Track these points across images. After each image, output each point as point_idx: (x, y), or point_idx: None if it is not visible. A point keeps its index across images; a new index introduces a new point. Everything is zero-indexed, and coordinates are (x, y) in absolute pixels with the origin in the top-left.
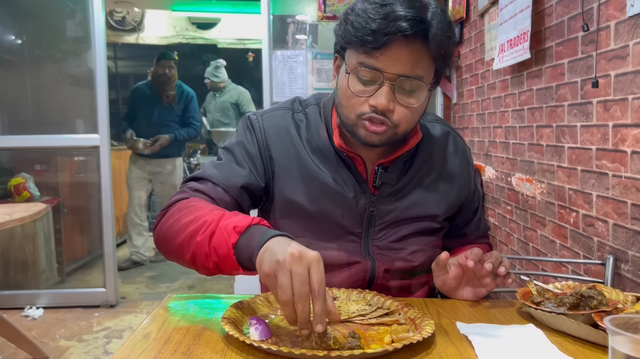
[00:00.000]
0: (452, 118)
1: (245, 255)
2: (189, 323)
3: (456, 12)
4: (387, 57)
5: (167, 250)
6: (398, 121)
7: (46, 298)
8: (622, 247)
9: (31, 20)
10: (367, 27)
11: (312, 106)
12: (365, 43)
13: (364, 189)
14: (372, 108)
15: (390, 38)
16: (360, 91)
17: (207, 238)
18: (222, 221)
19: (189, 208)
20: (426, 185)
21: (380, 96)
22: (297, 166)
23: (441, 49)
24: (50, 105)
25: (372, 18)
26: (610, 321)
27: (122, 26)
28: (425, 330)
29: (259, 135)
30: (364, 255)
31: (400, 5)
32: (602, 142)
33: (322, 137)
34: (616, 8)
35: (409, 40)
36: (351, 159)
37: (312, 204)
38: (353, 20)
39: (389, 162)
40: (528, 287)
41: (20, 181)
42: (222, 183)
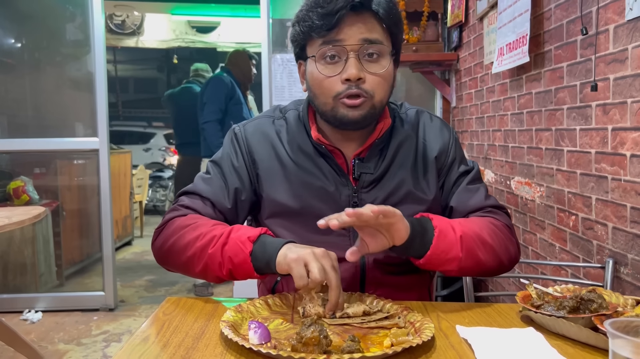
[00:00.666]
0: (452, 121)
1: (262, 260)
2: (188, 326)
3: (455, 15)
4: (343, 30)
5: (173, 264)
6: (372, 90)
7: (45, 301)
8: (622, 250)
9: (31, 23)
10: (316, 13)
11: (291, 111)
12: (318, 28)
13: (344, 182)
14: (345, 83)
15: (340, 14)
16: (330, 71)
17: (219, 250)
18: (233, 234)
19: (190, 225)
20: (405, 168)
21: (350, 67)
22: (279, 167)
23: (389, 14)
24: (49, 109)
25: (319, 5)
26: (611, 324)
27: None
28: (425, 333)
29: (242, 143)
30: None
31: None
32: (601, 145)
33: (301, 137)
34: (615, 12)
35: (358, 13)
36: (330, 152)
37: (296, 201)
38: (302, 17)
39: (364, 152)
40: (527, 290)
41: (19, 185)
42: (212, 199)
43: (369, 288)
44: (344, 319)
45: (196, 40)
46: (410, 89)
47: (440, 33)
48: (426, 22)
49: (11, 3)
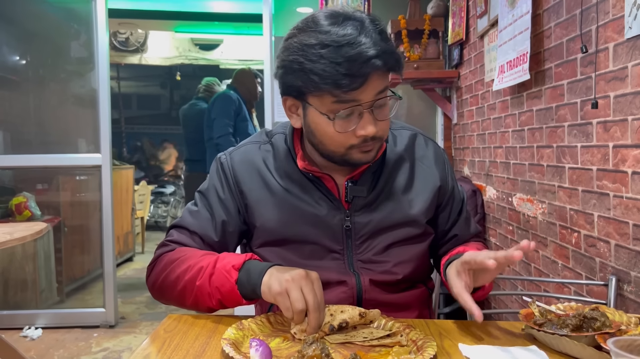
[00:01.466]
0: (453, 138)
1: (248, 287)
2: (189, 344)
3: (456, 33)
4: (364, 90)
5: (167, 298)
6: (382, 134)
7: (45, 318)
8: (625, 268)
9: (36, 41)
10: (337, 72)
11: (278, 135)
12: (341, 87)
13: (336, 206)
14: (360, 138)
15: (366, 77)
16: (344, 127)
17: (207, 281)
18: (218, 263)
19: (179, 258)
20: (399, 191)
21: (367, 125)
22: (267, 195)
23: (399, 62)
24: (53, 125)
25: (338, 62)
26: (614, 343)
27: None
28: (427, 352)
29: (228, 174)
30: (348, 271)
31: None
32: (602, 162)
33: (289, 163)
34: (614, 30)
35: (381, 73)
36: (319, 178)
37: (288, 229)
38: (313, 68)
39: (357, 175)
40: (530, 308)
41: (21, 201)
42: (199, 233)
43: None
44: (345, 335)
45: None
46: (412, 106)
47: (441, 51)
48: (427, 40)
49: (17, 21)
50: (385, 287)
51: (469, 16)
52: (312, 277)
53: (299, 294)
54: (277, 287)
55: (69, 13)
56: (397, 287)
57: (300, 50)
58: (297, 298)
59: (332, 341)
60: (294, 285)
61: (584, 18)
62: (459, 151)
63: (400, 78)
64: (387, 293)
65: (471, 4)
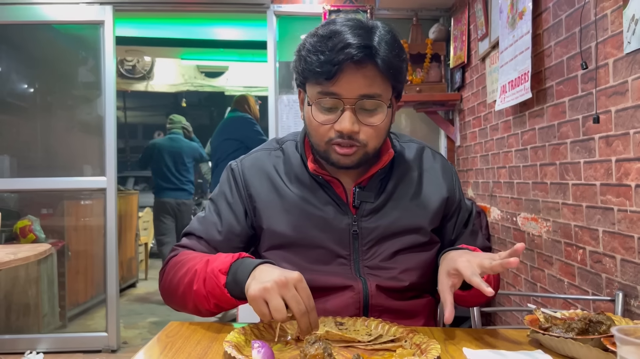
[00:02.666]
0: (456, 160)
1: (237, 289)
2: (191, 347)
3: (457, 57)
4: (342, 83)
5: (173, 302)
6: (366, 140)
7: (47, 342)
8: (631, 282)
9: (43, 68)
10: (317, 60)
11: (288, 142)
12: (317, 75)
13: (344, 211)
14: (337, 133)
15: (340, 66)
16: (325, 119)
17: (202, 285)
18: (209, 266)
19: (180, 261)
20: (405, 199)
21: (344, 121)
22: (276, 199)
23: (390, 68)
24: (59, 151)
25: (321, 51)
26: (619, 330)
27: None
28: (431, 353)
29: (238, 178)
30: (355, 276)
31: (346, 34)
32: (605, 177)
33: (299, 167)
34: (614, 46)
35: (359, 65)
36: (328, 182)
37: (295, 232)
38: (305, 56)
39: (365, 181)
40: (535, 314)
41: (26, 224)
42: (205, 237)
43: (373, 315)
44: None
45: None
46: (415, 129)
47: (443, 74)
48: (429, 63)
49: (25, 48)
50: (391, 294)
51: (470, 39)
52: (292, 281)
53: (279, 302)
54: (253, 292)
55: (77, 40)
56: (404, 295)
57: (304, 40)
58: (278, 307)
59: (335, 343)
60: (271, 294)
61: (583, 35)
62: (463, 173)
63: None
64: (393, 299)
65: (472, 28)
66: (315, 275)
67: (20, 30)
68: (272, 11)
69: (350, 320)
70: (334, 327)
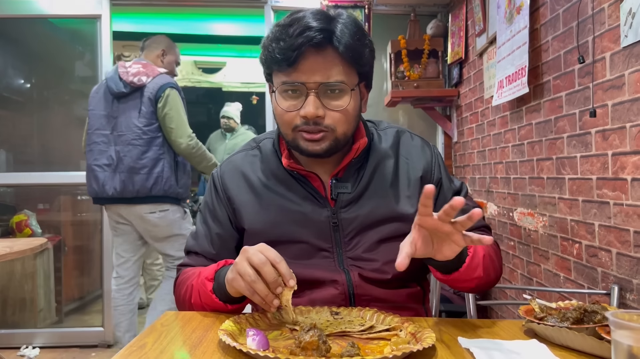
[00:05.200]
0: (453, 156)
1: (221, 292)
2: (186, 335)
3: (455, 53)
4: (303, 69)
5: None
6: (333, 125)
7: (43, 337)
8: (627, 276)
9: (41, 62)
10: (278, 46)
11: (266, 140)
12: (278, 62)
13: (322, 203)
14: (303, 119)
15: (300, 51)
16: (290, 106)
17: (197, 297)
18: (199, 278)
19: (182, 281)
20: (384, 187)
21: (308, 105)
22: (253, 198)
23: (350, 51)
24: (56, 146)
25: (282, 38)
26: (613, 314)
27: None
28: (426, 341)
29: (217, 183)
30: (338, 269)
31: (307, 19)
32: (602, 171)
33: (275, 164)
34: (610, 40)
35: (318, 50)
36: (305, 177)
37: (275, 229)
38: (267, 45)
39: (341, 172)
40: (531, 305)
41: (22, 219)
42: (201, 252)
43: (361, 304)
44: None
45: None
46: (412, 125)
47: (441, 70)
48: (427, 59)
49: (22, 42)
50: (376, 284)
51: (467, 35)
52: (257, 247)
53: (246, 267)
54: (229, 276)
55: (74, 35)
56: (389, 285)
57: (269, 31)
58: (244, 271)
59: (329, 332)
60: (240, 264)
61: (580, 30)
62: (460, 169)
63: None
64: (378, 288)
65: (470, 24)
66: (299, 269)
67: (17, 24)
68: (269, 6)
69: (346, 310)
70: (330, 317)
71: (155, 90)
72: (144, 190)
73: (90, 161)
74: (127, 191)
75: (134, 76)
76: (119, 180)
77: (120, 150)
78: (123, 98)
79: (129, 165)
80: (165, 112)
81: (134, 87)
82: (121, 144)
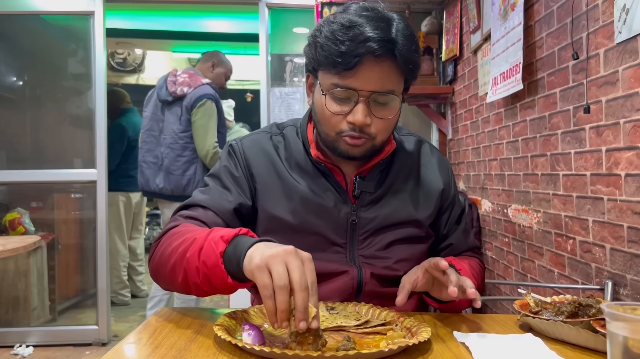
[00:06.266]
0: (448, 153)
1: (233, 261)
2: (182, 331)
3: (450, 50)
4: (359, 76)
5: (162, 277)
6: (375, 133)
7: (36, 335)
8: (620, 271)
9: (33, 59)
10: (336, 49)
11: (289, 127)
12: (336, 65)
13: (344, 199)
14: (350, 125)
15: (360, 59)
16: (338, 110)
17: (196, 253)
18: (211, 234)
19: (179, 232)
20: (405, 191)
21: (357, 113)
22: (277, 182)
23: (409, 63)
24: (49, 144)
25: (341, 40)
26: (608, 306)
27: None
28: (422, 335)
29: (239, 156)
30: (350, 264)
31: (366, 27)
32: (596, 167)
33: (300, 153)
34: (604, 36)
35: (378, 59)
36: (330, 170)
37: (294, 217)
38: (322, 44)
39: (366, 171)
40: (526, 299)
41: (15, 217)
42: (213, 206)
43: (364, 300)
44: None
45: None
46: (407, 123)
47: (436, 67)
48: (421, 56)
49: (14, 39)
50: (384, 282)
51: (462, 32)
52: (302, 255)
53: (282, 269)
54: (257, 260)
55: (66, 32)
56: (396, 283)
57: (321, 25)
58: (280, 274)
59: (324, 327)
60: (277, 259)
61: (574, 26)
62: (454, 166)
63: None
64: (385, 287)
65: (464, 20)
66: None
67: (8, 21)
68: (264, 3)
69: (342, 305)
70: (325, 312)
71: (192, 100)
72: (178, 190)
73: (140, 157)
74: (165, 189)
75: (178, 85)
76: (160, 178)
77: (163, 151)
78: (168, 105)
79: (167, 166)
80: (194, 120)
81: (176, 97)
82: (164, 146)
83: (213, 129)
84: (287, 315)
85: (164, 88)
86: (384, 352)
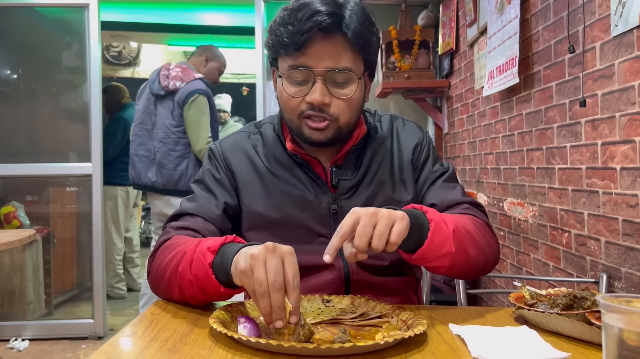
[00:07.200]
0: (444, 147)
1: (222, 270)
2: (177, 324)
3: (446, 44)
4: (311, 53)
5: (160, 291)
6: (337, 113)
7: (32, 329)
8: (615, 264)
9: (27, 52)
10: (286, 31)
11: (266, 124)
12: (287, 46)
13: (324, 190)
14: (308, 105)
15: (308, 35)
16: (296, 91)
17: (187, 266)
18: (199, 246)
19: (171, 246)
20: (383, 173)
21: (314, 92)
22: (256, 179)
23: (359, 38)
24: (44, 137)
25: (290, 22)
26: (604, 298)
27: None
28: (418, 328)
29: (219, 158)
30: (336, 255)
31: (316, 4)
32: (591, 160)
33: (277, 149)
34: (601, 29)
35: (327, 35)
36: (307, 162)
37: (275, 212)
38: (275, 29)
39: (341, 159)
40: (521, 292)
41: (10, 210)
42: (201, 213)
43: (354, 292)
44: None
45: None
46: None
47: (432, 61)
48: (418, 50)
49: (9, 32)
50: (372, 271)
51: (458, 26)
52: (281, 251)
53: (262, 273)
54: (241, 266)
55: (61, 24)
56: (385, 272)
57: (276, 15)
58: (260, 280)
59: (320, 320)
60: (258, 262)
61: (571, 19)
62: (450, 160)
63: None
64: (374, 275)
65: (461, 14)
66: (296, 254)
67: (2, 14)
68: None
69: (337, 298)
70: (321, 304)
71: (184, 95)
72: (170, 184)
73: (132, 150)
74: (157, 183)
75: (171, 79)
76: (152, 172)
77: (155, 145)
78: (160, 99)
79: (159, 160)
80: (186, 116)
81: (168, 91)
82: (156, 140)
83: (206, 124)
84: (272, 317)
85: (157, 81)
86: (380, 344)
